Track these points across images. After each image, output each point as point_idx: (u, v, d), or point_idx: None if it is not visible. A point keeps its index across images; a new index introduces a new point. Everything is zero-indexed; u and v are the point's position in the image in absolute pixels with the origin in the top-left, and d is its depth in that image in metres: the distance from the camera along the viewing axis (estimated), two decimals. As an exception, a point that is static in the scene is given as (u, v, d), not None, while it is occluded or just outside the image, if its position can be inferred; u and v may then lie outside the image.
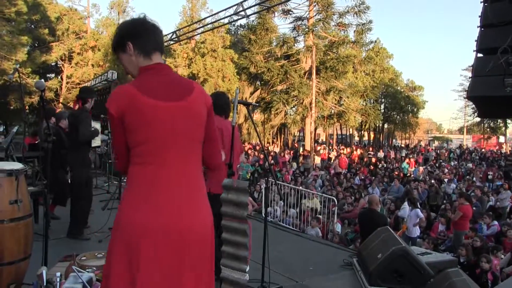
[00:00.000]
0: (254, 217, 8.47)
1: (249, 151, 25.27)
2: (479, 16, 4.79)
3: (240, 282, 3.27)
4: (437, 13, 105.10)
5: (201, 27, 14.76)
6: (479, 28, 4.80)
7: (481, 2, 4.80)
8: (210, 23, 13.76)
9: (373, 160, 26.33)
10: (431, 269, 4.53)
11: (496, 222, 10.61)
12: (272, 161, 21.67)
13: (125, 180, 8.29)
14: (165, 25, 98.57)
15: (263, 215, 11.29)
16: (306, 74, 29.36)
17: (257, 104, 12.92)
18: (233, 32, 42.75)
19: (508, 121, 42.69)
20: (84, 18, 35.28)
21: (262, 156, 22.79)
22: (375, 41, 44.43)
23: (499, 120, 43.44)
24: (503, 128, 45.88)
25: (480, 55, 4.74)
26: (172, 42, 15.50)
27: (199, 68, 32.76)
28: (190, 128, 1.98)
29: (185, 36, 16.82)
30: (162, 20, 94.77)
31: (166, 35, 14.90)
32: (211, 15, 13.45)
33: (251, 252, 4.58)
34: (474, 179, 19.31)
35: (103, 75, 15.38)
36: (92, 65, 33.41)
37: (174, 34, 14.01)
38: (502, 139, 49.58)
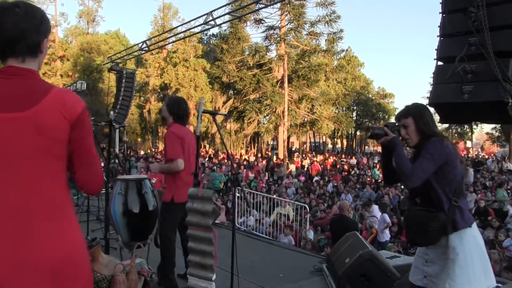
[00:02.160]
0: (226, 226, 8.49)
1: (222, 161, 25.25)
2: (439, 27, 4.95)
3: (206, 290, 3.30)
4: (406, 23, 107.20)
5: (173, 36, 14.70)
6: (438, 37, 4.96)
7: (440, 13, 4.97)
8: (182, 32, 13.74)
9: (346, 167, 26.58)
10: (398, 272, 4.62)
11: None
12: (244, 170, 21.67)
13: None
14: (136, 34, 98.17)
15: (235, 223, 11.43)
16: (279, 82, 29.58)
17: (223, 114, 12.87)
18: (205, 42, 42.76)
19: (474, 127, 43.79)
20: (51, 27, 34.75)
21: (235, 165, 22.80)
22: (347, 50, 44.96)
23: (466, 126, 44.50)
24: (470, 134, 47.05)
25: (440, 63, 4.90)
26: (143, 52, 15.44)
27: (171, 78, 32.63)
28: (31, 146, 1.61)
29: (157, 45, 16.76)
30: (133, 30, 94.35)
31: (137, 44, 14.84)
32: (182, 24, 13.44)
33: (221, 260, 4.61)
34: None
35: (72, 85, 15.21)
36: (61, 75, 32.93)
37: (145, 44, 13.93)
38: (469, 144, 50.82)
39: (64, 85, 25.51)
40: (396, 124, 2.89)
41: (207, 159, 26.59)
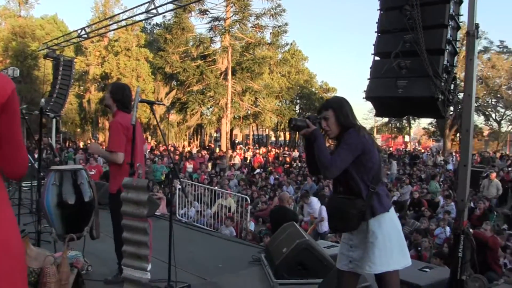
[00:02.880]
0: (166, 218, 8.42)
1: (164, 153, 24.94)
2: (376, 23, 5.10)
3: (141, 281, 3.26)
4: (348, 18, 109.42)
5: (114, 23, 14.27)
6: (376, 33, 5.11)
7: (377, 10, 5.12)
8: (123, 20, 13.37)
9: (288, 159, 26.92)
10: (334, 261, 4.73)
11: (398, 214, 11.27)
12: (187, 161, 21.52)
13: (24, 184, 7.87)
14: (75, 20, 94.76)
15: (172, 214, 11.36)
16: (222, 74, 29.47)
17: (161, 103, 12.66)
18: (148, 31, 41.97)
19: (412, 122, 45.50)
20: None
21: (177, 157, 22.61)
22: (291, 44, 45.48)
23: (404, 121, 46.14)
24: (408, 129, 48.84)
25: (377, 58, 5.05)
26: (82, 39, 14.89)
27: (112, 67, 31.79)
28: None
29: (97, 33, 16.23)
30: (72, 15, 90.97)
31: (76, 31, 14.28)
32: (124, 11, 13.08)
33: (160, 252, 4.58)
34: (389, 175, 20.27)
35: (3, 71, 14.49)
36: (-10, 61, 31.26)
37: (84, 31, 13.45)
38: (407, 138, 52.80)
39: (-5, 71, 24.17)
40: (318, 116, 2.97)
41: (148, 150, 26.19)
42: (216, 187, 13.95)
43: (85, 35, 13.83)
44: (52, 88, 13.42)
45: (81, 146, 27.62)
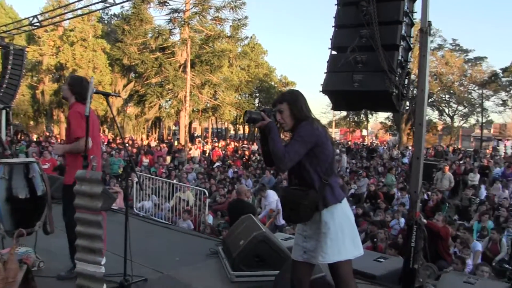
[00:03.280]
0: (122, 212, 8.30)
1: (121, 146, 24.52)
2: (334, 17, 5.16)
3: (96, 275, 3.21)
4: (308, 13, 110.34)
5: (69, 12, 13.87)
6: (333, 28, 5.18)
7: (335, 5, 5.18)
8: (79, 9, 13.00)
9: (247, 153, 26.95)
10: (291, 252, 4.79)
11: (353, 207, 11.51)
12: (144, 155, 21.23)
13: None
14: (26, 7, 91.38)
15: (128, 207, 11.21)
16: (181, 67, 29.19)
17: (116, 95, 12.59)
18: (106, 22, 41.04)
19: (370, 116, 46.40)
20: None
21: (135, 150, 22.28)
22: (251, 37, 45.49)
23: (362, 115, 47.00)
24: (366, 123, 49.78)
25: (334, 52, 5.12)
26: (34, 27, 14.36)
27: (68, 58, 30.90)
28: None
29: (50, 21, 15.71)
30: (23, 2, 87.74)
31: (27, 18, 13.76)
32: (79, 0, 12.70)
33: (115, 246, 4.52)
34: (339, 169, 20.59)
35: None
36: None
37: (36, 19, 12.96)
38: (364, 132, 53.81)
39: None
40: (272, 109, 3.00)
41: (105, 143, 25.70)
42: (174, 181, 13.83)
43: (38, 23, 13.37)
44: (1, 78, 12.94)
45: (35, 139, 26.77)
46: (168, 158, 22.60)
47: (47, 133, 35.06)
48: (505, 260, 8.43)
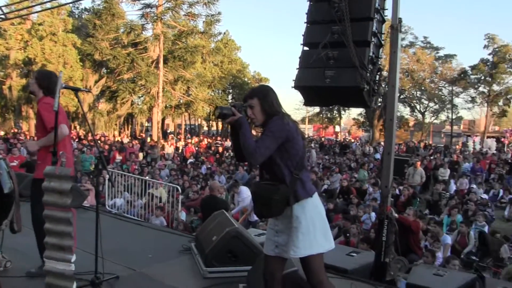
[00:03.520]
0: (94, 209, 8.19)
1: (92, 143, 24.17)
2: (306, 14, 5.19)
3: (65, 273, 3.15)
4: (280, 9, 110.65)
5: (37, 5, 13.53)
6: (305, 24, 5.20)
7: (307, 1, 5.21)
8: (48, 2, 12.67)
9: (220, 149, 26.92)
10: (263, 248, 4.81)
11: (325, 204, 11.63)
12: (116, 151, 21.01)
13: None
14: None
15: (107, 206, 11.11)
16: (154, 63, 28.90)
17: (85, 90, 12.03)
18: (76, 16, 40.30)
19: (342, 112, 46.83)
20: None
21: (107, 147, 22.01)
22: (224, 33, 45.32)
23: (335, 111, 47.39)
24: (339, 119, 50.22)
25: (306, 48, 5.14)
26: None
27: (37, 53, 30.13)
28: None
29: (17, 14, 15.27)
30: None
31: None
32: (49, -6, 12.38)
33: (87, 244, 4.46)
34: (313, 165, 20.73)
35: None
36: None
37: (1, 10, 12.53)
38: (338, 128, 54.28)
39: None
40: (243, 104, 3.00)
41: (76, 140, 25.32)
42: (147, 177, 13.73)
43: (3, 16, 12.99)
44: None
45: (2, 136, 26.16)
46: (141, 155, 22.41)
47: (15, 130, 34.25)
48: (473, 252, 8.68)
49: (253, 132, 3.03)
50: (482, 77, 38.09)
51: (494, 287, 4.73)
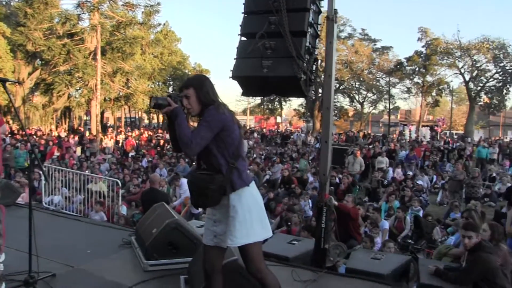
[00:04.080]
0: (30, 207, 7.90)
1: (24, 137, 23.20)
2: (243, 4, 5.19)
3: (-5, 272, 3.03)
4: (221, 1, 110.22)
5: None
6: (243, 14, 5.20)
7: (245, -9, 5.21)
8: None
9: (162, 141, 26.58)
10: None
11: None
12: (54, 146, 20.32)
13: None
14: None
15: (43, 203, 10.74)
16: (91, 54, 28.15)
17: (14, 81, 11.60)
18: (4, 3, 38.26)
19: (283, 103, 47.38)
20: None
21: (43, 142, 21.22)
22: (164, 24, 44.66)
23: (276, 102, 47.86)
24: (280, 110, 50.77)
25: (243, 38, 5.15)
26: None
27: (-40, 42, 28.57)
28: None
29: None
30: None
31: None
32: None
33: (21, 243, 4.29)
34: (255, 155, 20.87)
35: None
36: None
37: None
38: (279, 119, 54.85)
39: None
40: (179, 94, 2.99)
41: (9, 135, 24.23)
42: (86, 172, 13.38)
43: None
44: None
45: None
46: (78, 149, 21.76)
47: None
48: (409, 236, 9.09)
49: (191, 123, 3.01)
50: (417, 68, 39.61)
51: (426, 266, 4.96)
